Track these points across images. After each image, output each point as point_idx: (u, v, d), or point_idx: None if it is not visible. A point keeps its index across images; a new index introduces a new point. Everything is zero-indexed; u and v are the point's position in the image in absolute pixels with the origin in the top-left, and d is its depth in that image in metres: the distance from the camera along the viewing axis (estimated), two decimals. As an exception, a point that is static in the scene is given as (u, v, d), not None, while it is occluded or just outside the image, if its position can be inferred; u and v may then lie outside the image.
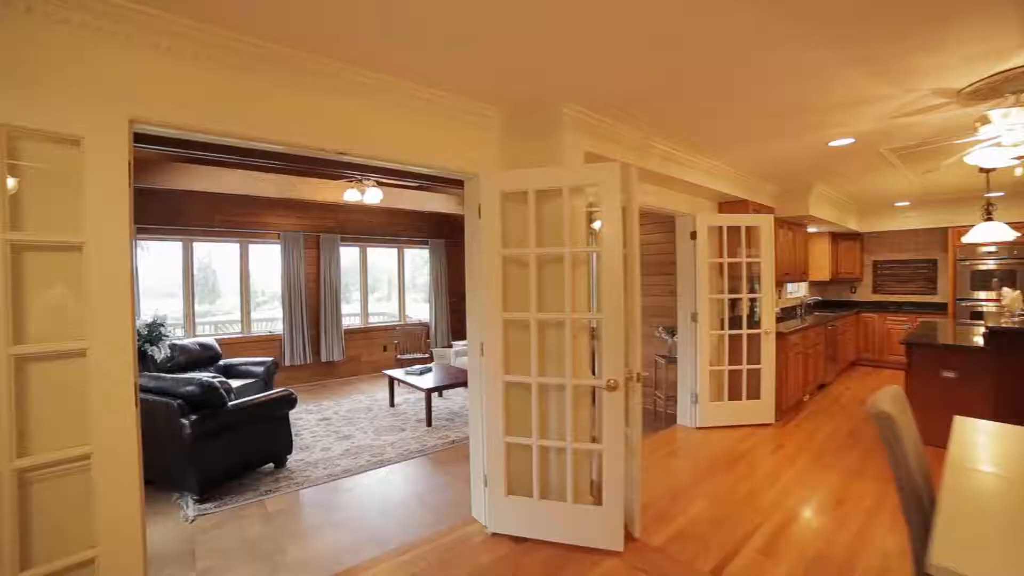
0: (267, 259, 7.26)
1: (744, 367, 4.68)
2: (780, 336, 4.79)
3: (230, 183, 5.17)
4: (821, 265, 7.43)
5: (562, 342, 2.70)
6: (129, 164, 1.75)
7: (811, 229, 6.87)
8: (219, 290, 7.91)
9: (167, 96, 1.84)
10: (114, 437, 1.73)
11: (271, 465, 4.04)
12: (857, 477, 3.50)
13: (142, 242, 6.74)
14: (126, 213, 1.74)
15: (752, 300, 4.89)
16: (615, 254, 2.47)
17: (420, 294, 9.29)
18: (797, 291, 7.23)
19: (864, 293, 7.85)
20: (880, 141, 3.54)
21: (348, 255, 7.92)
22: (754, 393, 4.72)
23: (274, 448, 3.99)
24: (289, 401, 4.01)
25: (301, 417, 5.56)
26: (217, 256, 7.08)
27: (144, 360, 4.36)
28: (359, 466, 4.12)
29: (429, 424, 5.18)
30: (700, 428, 4.67)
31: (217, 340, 6.47)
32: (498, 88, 2.50)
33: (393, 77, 2.33)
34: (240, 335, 6.89)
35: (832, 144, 3.62)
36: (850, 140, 3.50)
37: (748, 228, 4.71)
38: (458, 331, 8.97)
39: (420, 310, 9.19)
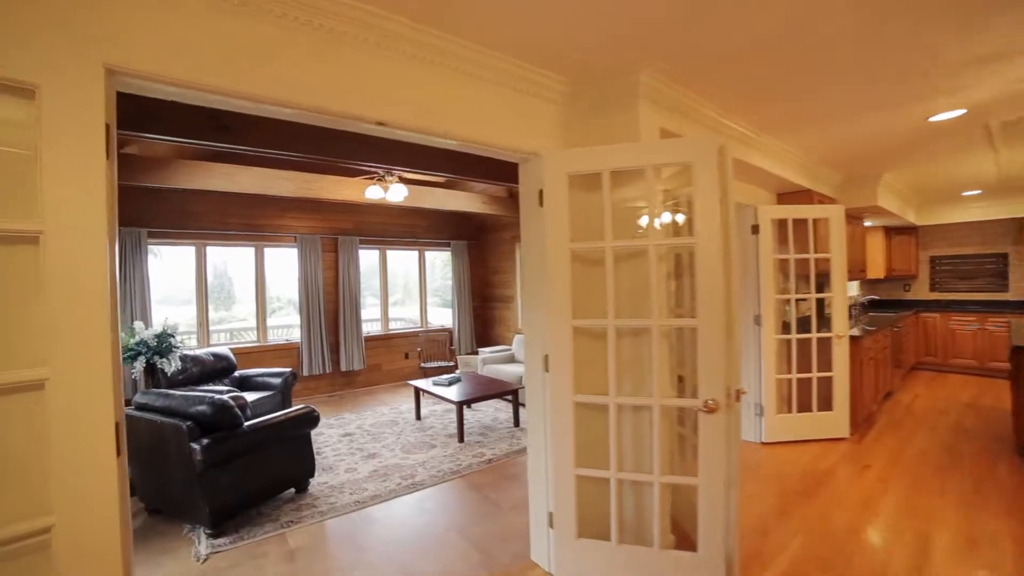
0: (283, 263, 6.90)
1: (814, 375, 4.18)
2: (852, 340, 4.28)
3: (245, 182, 4.80)
4: (876, 261, 6.87)
5: (640, 352, 2.25)
6: (109, 130, 1.32)
7: (865, 223, 6.34)
8: (235, 296, 7.58)
9: (158, 40, 1.41)
10: (86, 502, 1.25)
11: (292, 490, 3.62)
12: (979, 509, 2.98)
13: (153, 247, 6.42)
14: (102, 193, 1.29)
15: (820, 301, 4.38)
16: (715, 247, 2.02)
17: (434, 298, 8.88)
18: (849, 290, 6.68)
19: (920, 291, 7.27)
20: (994, 112, 3.04)
21: (366, 258, 7.53)
22: (825, 404, 4.21)
23: (295, 471, 3.57)
24: (311, 419, 3.60)
25: (322, 432, 5.14)
26: (231, 261, 6.73)
27: (153, 374, 3.98)
28: (389, 491, 3.69)
29: (461, 440, 4.74)
30: (766, 444, 4.17)
31: (232, 350, 6.10)
32: (564, 46, 2.06)
33: (439, 31, 1.90)
34: (256, 344, 6.51)
35: (934, 119, 3.13)
36: (958, 112, 3.01)
37: (815, 220, 4.21)
38: (482, 337, 8.54)
39: (439, 315, 8.77)
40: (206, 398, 3.06)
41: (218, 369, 5.23)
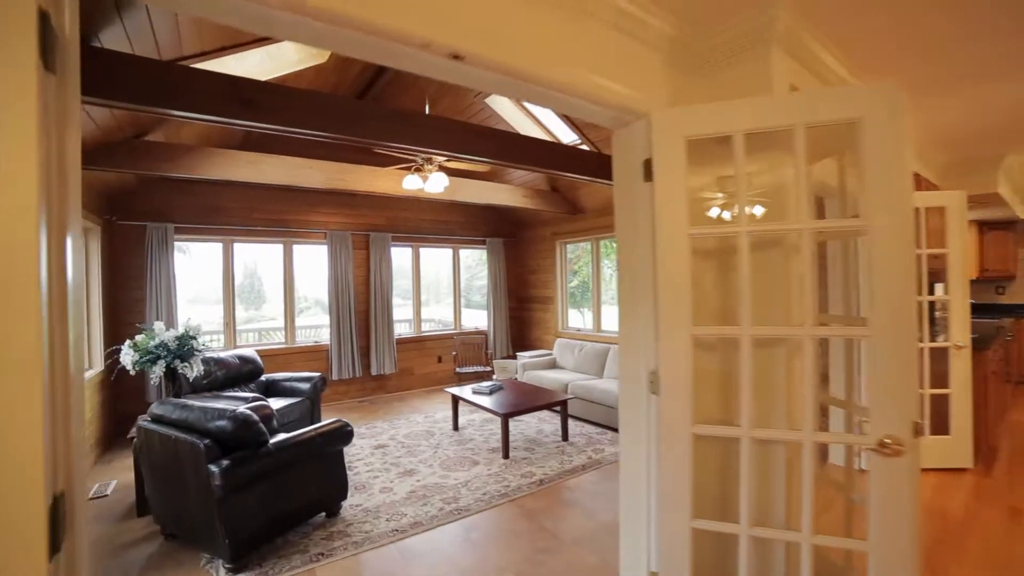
0: (312, 261, 6.54)
1: (927, 391, 3.54)
2: (975, 351, 3.62)
3: (272, 172, 4.42)
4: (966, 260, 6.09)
5: (770, 370, 1.73)
6: (47, 22, 0.83)
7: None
8: (264, 295, 7.29)
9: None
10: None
11: (322, 515, 3.19)
12: None
13: (183, 244, 6.15)
14: (29, 132, 0.76)
15: (931, 304, 3.74)
16: (902, 231, 1.47)
17: (461, 299, 8.44)
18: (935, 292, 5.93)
19: (1018, 294, 6.45)
20: None
21: (397, 256, 7.12)
22: (941, 427, 3.57)
23: (326, 493, 3.14)
24: (344, 435, 3.16)
25: (354, 443, 4.70)
26: (260, 259, 6.41)
27: (175, 379, 3.62)
28: (431, 517, 3.22)
29: (506, 456, 4.25)
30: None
31: (259, 352, 5.76)
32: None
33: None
34: (283, 346, 6.17)
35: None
36: None
37: (927, 209, 3.58)
38: (518, 340, 8.05)
39: (471, 317, 8.32)
40: (227, 412, 2.64)
41: (244, 373, 4.88)
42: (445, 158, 4.23)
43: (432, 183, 4.42)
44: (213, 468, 2.46)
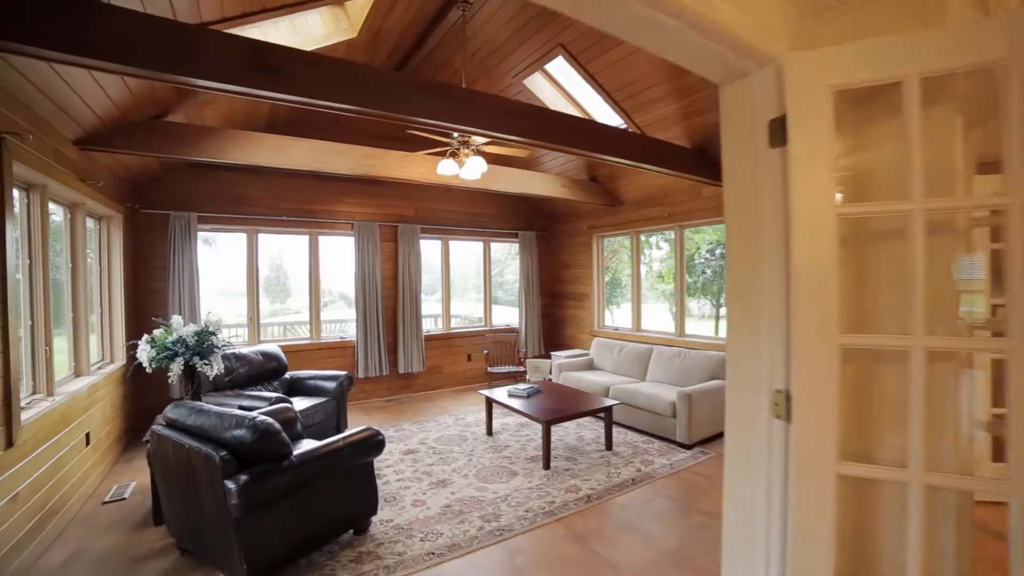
0: (339, 253, 6.28)
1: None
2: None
3: (297, 156, 4.13)
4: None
5: (941, 389, 1.31)
6: None
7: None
8: (289, 289, 7.08)
9: None
10: None
11: (350, 532, 2.89)
12: None
13: (208, 234, 5.96)
14: None
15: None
16: None
17: (477, 293, 8.09)
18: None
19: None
20: None
21: (425, 249, 6.81)
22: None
23: (354, 509, 2.83)
24: (375, 445, 2.84)
25: (381, 447, 4.43)
26: (286, 251, 6.18)
27: (193, 378, 3.36)
28: (470, 538, 2.89)
29: (547, 466, 3.89)
30: None
31: (284, 347, 5.53)
32: None
33: None
34: (309, 341, 5.92)
35: None
36: None
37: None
38: (550, 338, 7.67)
39: (502, 314, 7.98)
40: (245, 420, 2.34)
41: (267, 370, 4.63)
42: (484, 140, 3.87)
43: (469, 168, 4.06)
44: (230, 485, 2.16)
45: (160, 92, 3.43)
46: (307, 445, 2.67)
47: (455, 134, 3.97)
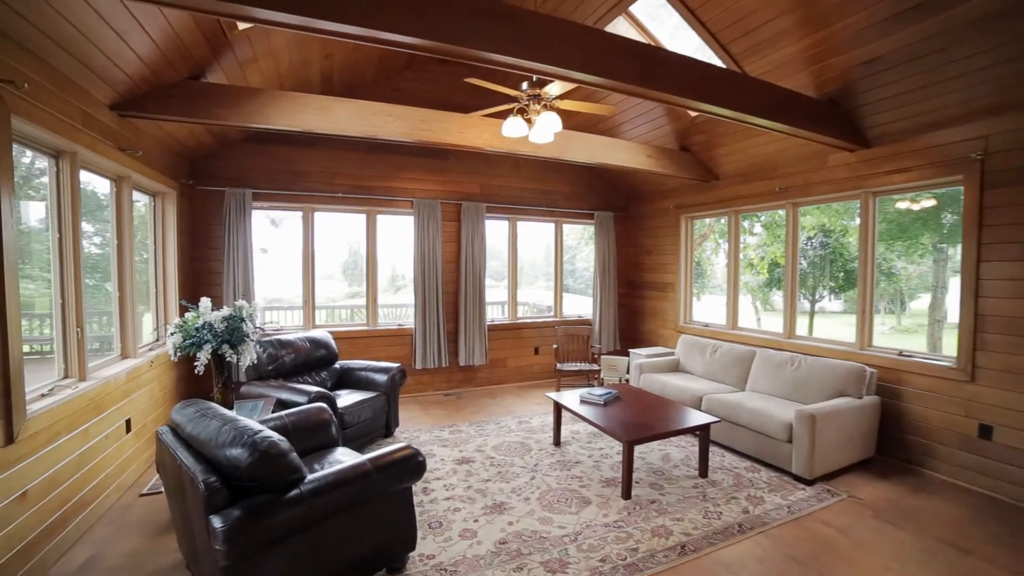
0: (398, 233, 5.85)
1: None
2: None
3: (344, 120, 3.64)
4: None
5: None
6: None
7: None
8: (363, 273, 6.83)
9: None
10: None
11: (382, 570, 2.34)
12: None
13: (271, 214, 5.75)
14: None
15: None
16: None
17: (549, 281, 7.34)
18: None
19: None
20: None
21: (491, 231, 6.20)
22: None
23: (386, 543, 2.27)
24: (412, 469, 2.26)
25: (433, 451, 3.92)
26: (349, 231, 5.82)
27: (221, 369, 2.99)
28: (529, 592, 2.24)
29: (627, 495, 3.14)
30: None
31: (339, 334, 5.21)
32: None
33: None
34: (364, 328, 5.55)
35: None
36: None
37: None
38: (628, 333, 6.83)
39: (573, 303, 7.23)
40: (246, 434, 1.83)
41: (315, 358, 4.26)
42: (559, 90, 3.13)
43: (540, 129, 3.34)
44: (216, 523, 1.65)
45: (193, 51, 3.04)
46: (337, 460, 2.15)
47: (524, 85, 3.27)
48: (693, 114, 4.61)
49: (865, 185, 3.99)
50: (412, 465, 2.25)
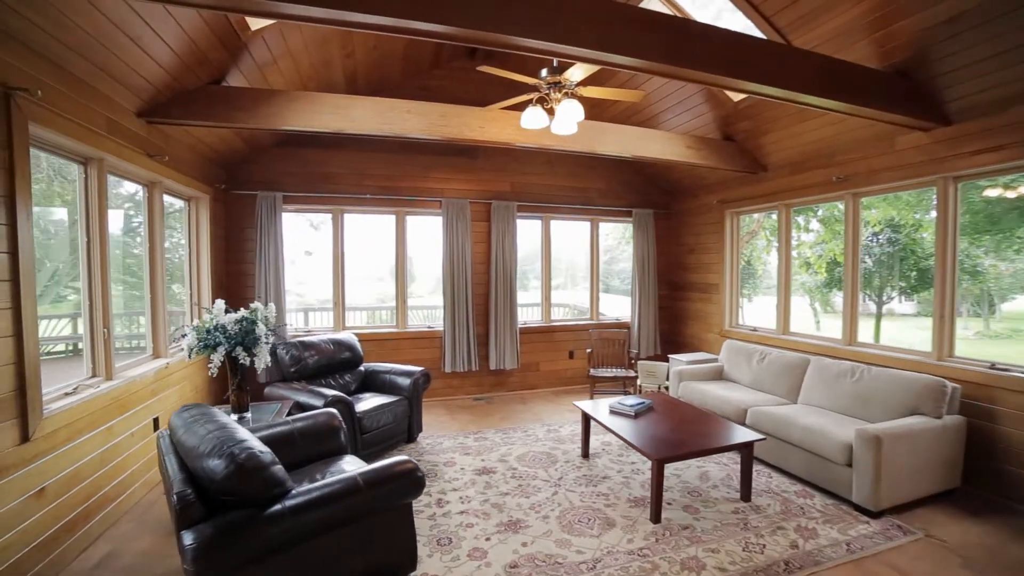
0: (427, 234, 5.77)
1: None
2: None
3: (361, 118, 3.56)
4: None
5: None
6: None
7: None
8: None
9: None
10: None
11: (380, 591, 2.20)
12: None
13: (302, 216, 5.83)
14: None
15: None
16: None
17: (599, 283, 7.02)
18: None
19: None
20: None
21: (523, 230, 6.00)
22: None
23: (383, 563, 2.12)
24: (410, 485, 2.10)
25: (454, 459, 3.77)
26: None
27: (235, 371, 2.96)
28: (536, 627, 2.02)
29: (656, 519, 2.85)
30: None
31: (368, 336, 5.20)
32: None
33: None
34: (393, 330, 5.51)
35: None
36: None
37: None
38: (669, 337, 6.43)
39: (611, 305, 6.90)
40: (225, 444, 1.73)
41: (338, 360, 4.22)
42: (581, 75, 2.90)
43: (561, 118, 3.12)
44: (187, 539, 1.56)
45: (207, 52, 3.05)
46: (340, 469, 2.03)
47: (543, 72, 3.05)
48: (736, 99, 4.21)
49: (943, 169, 3.46)
50: (410, 481, 2.09)
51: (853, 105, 3.01)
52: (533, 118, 3.19)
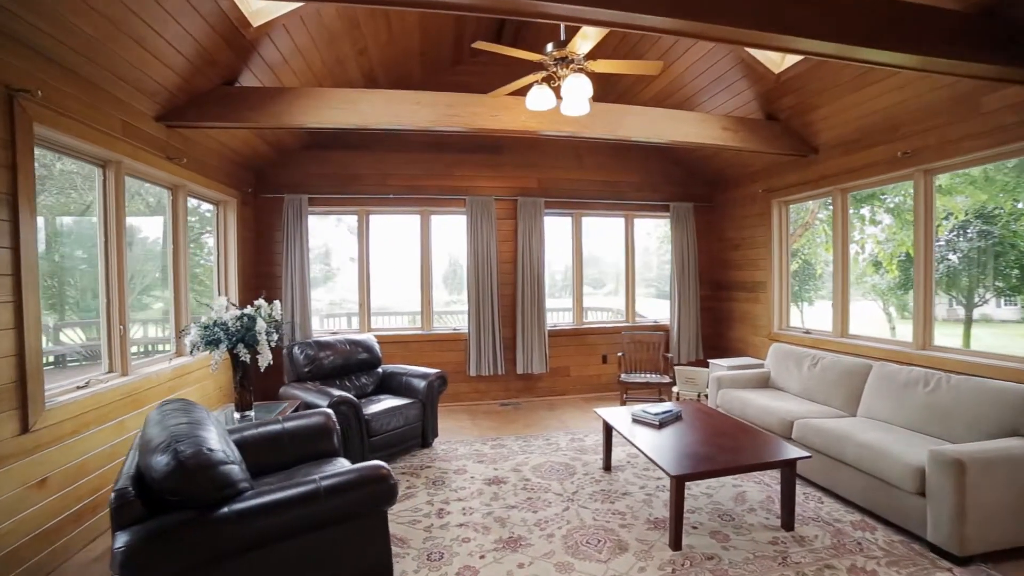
0: (453, 234, 5.65)
1: None
2: None
3: (369, 112, 3.48)
4: None
5: None
6: None
7: None
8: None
9: None
10: None
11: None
12: None
13: (318, 216, 5.86)
14: None
15: None
16: None
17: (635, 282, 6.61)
18: None
19: None
20: None
21: (552, 228, 5.75)
22: None
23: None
24: (377, 494, 1.92)
25: (466, 467, 3.57)
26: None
27: (238, 368, 2.93)
28: (516, 662, 1.76)
29: (676, 546, 2.50)
30: None
31: (391, 338, 5.14)
32: None
33: None
34: (418, 332, 5.42)
35: None
36: None
37: None
38: (712, 341, 5.93)
39: (650, 307, 6.48)
40: (173, 440, 1.62)
41: (355, 361, 4.16)
42: (587, 47, 2.64)
43: (568, 97, 2.87)
44: (118, 540, 1.45)
45: (213, 53, 3.06)
46: (329, 470, 1.89)
47: (548, 47, 2.81)
48: (778, 70, 3.76)
49: (1048, 133, 2.85)
50: (378, 490, 1.91)
51: (925, 57, 2.50)
52: (539, 98, 2.96)
